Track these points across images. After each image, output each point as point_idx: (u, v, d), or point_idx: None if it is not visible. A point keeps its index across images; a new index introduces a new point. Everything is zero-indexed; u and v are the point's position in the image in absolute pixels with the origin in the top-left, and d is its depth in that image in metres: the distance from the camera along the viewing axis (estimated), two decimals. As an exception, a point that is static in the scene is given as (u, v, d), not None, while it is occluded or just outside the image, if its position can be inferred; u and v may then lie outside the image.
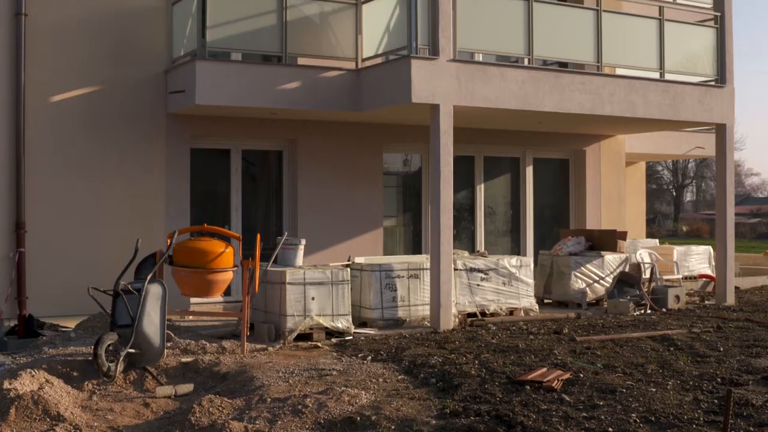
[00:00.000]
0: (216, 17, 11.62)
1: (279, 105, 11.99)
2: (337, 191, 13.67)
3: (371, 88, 12.24)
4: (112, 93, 12.15)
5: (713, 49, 14.24)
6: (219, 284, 9.86)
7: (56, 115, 11.82)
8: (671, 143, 18.66)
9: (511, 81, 12.18)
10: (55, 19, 11.83)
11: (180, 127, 12.53)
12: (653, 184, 58.57)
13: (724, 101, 14.20)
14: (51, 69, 11.80)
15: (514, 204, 15.87)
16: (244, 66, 11.93)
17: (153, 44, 12.41)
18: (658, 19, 13.73)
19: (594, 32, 13.04)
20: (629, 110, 13.24)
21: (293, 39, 12.12)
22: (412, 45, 11.51)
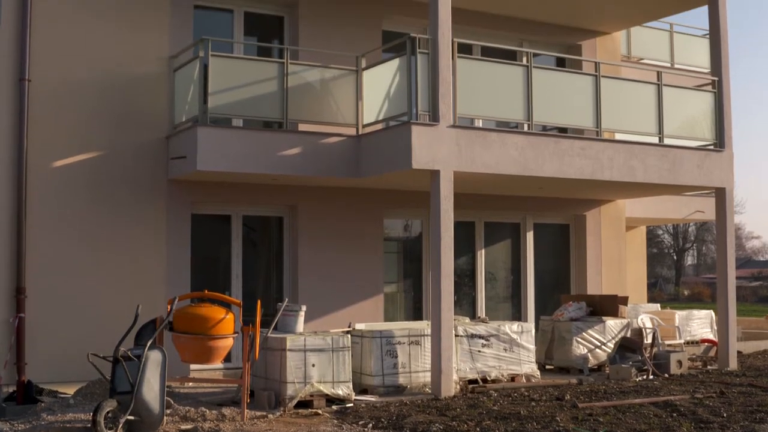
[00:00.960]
0: (217, 84, 11.71)
1: (280, 171, 12.03)
2: (338, 257, 13.66)
3: (372, 154, 12.29)
4: (114, 158, 12.20)
5: (711, 113, 14.34)
6: (219, 351, 9.82)
7: (58, 180, 11.86)
8: (671, 207, 18.69)
9: (511, 147, 12.24)
10: (58, 85, 11.92)
11: (181, 193, 12.57)
12: (654, 248, 58.58)
13: (723, 165, 14.26)
14: (53, 133, 11.86)
15: (515, 269, 15.85)
16: (245, 132, 11.99)
17: (155, 110, 12.49)
18: (657, 84, 13.84)
19: (593, 98, 13.14)
20: (629, 175, 13.29)
21: (294, 105, 12.21)
22: (413, 111, 11.59)
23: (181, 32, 12.69)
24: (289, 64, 12.19)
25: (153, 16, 12.56)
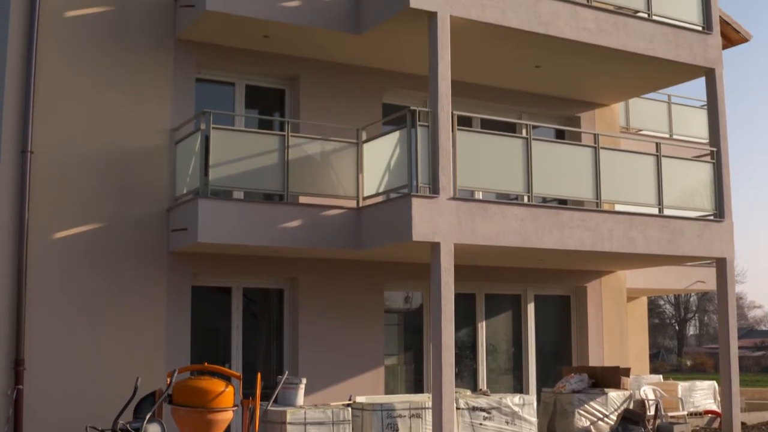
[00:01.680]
0: (218, 156, 11.78)
1: (280, 243, 12.05)
2: (338, 329, 13.62)
3: (372, 227, 12.32)
4: (114, 230, 12.22)
5: (711, 183, 14.41)
6: (219, 424, 9.75)
7: (59, 251, 11.87)
8: (672, 277, 18.68)
9: (511, 218, 12.28)
10: (60, 157, 11.98)
11: (182, 265, 12.57)
12: (655, 318, 58.41)
13: (724, 235, 14.29)
14: (55, 205, 11.90)
15: (516, 341, 15.80)
16: (246, 204, 12.03)
17: (156, 182, 12.54)
18: (656, 156, 13.92)
19: (592, 169, 13.21)
20: (629, 246, 13.31)
21: (295, 177, 12.27)
22: (413, 183, 11.65)
23: (183, 105, 12.81)
24: (290, 137, 12.29)
25: (155, 89, 12.68)
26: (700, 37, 14.61)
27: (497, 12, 12.56)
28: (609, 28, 13.58)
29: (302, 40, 13.12)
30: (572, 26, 13.20)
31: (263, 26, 12.53)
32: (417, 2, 11.93)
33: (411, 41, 13.10)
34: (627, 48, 13.75)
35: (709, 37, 14.73)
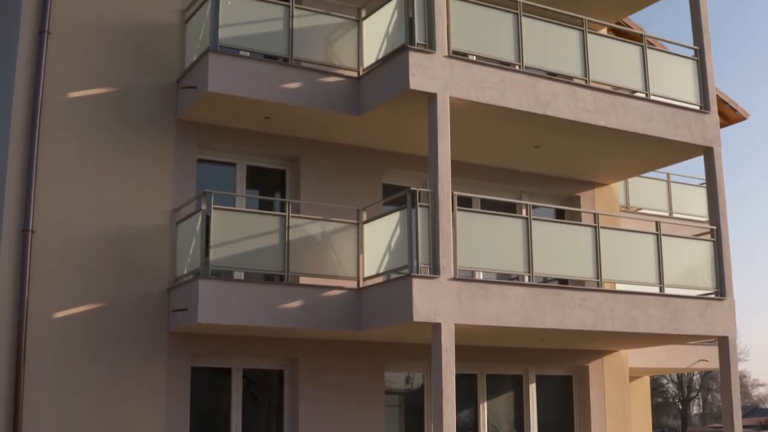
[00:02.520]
0: (219, 236, 11.80)
1: (281, 324, 12.01)
2: (339, 410, 13.49)
3: (373, 307, 12.29)
4: (115, 310, 12.18)
5: (711, 261, 14.40)
6: None
7: (59, 330, 11.81)
8: (674, 356, 18.58)
9: (512, 299, 12.25)
10: (61, 236, 12.00)
11: (181, 346, 12.50)
12: (659, 397, 57.93)
13: (725, 314, 14.24)
14: (55, 285, 11.88)
15: (518, 422, 15.64)
16: (247, 285, 12.01)
17: (157, 262, 12.54)
18: (656, 235, 13.94)
19: (593, 249, 13.22)
20: (631, 325, 13.25)
21: (295, 258, 12.28)
22: (413, 264, 11.64)
23: (185, 185, 12.87)
24: (291, 218, 12.32)
25: (157, 169, 12.75)
26: (698, 116, 14.73)
27: (496, 93, 12.68)
28: (607, 108, 13.70)
29: (303, 121, 13.23)
30: (571, 107, 13.32)
31: (264, 107, 12.65)
32: (417, 84, 12.05)
33: (411, 122, 13.21)
34: (625, 128, 13.86)
35: (706, 116, 14.85)
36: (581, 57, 13.69)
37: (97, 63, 12.64)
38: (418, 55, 12.14)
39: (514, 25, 13.16)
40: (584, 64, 13.67)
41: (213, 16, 12.25)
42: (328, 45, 13.02)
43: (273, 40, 12.65)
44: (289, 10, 12.79)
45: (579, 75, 13.62)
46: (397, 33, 12.48)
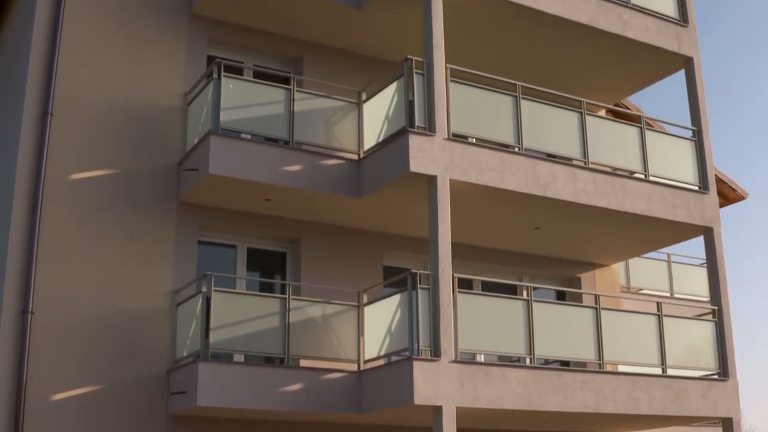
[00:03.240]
0: (219, 319, 11.77)
1: (281, 407, 11.90)
2: (339, 494, 13.33)
3: (373, 390, 12.20)
4: (113, 393, 12.08)
5: (713, 342, 14.34)
6: None
7: (56, 413, 11.68)
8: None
9: (513, 381, 12.17)
10: (61, 317, 11.95)
11: (181, 428, 12.38)
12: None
13: (729, 394, 14.13)
14: (54, 366, 11.79)
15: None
16: (247, 368, 11.93)
17: (156, 344, 12.49)
18: (657, 315, 13.90)
19: (594, 330, 13.17)
20: (633, 407, 13.14)
21: (296, 340, 12.23)
22: (414, 347, 11.59)
23: (185, 267, 12.88)
24: (291, 300, 12.30)
25: (158, 251, 12.77)
26: (697, 197, 14.79)
27: (496, 175, 12.75)
28: (607, 189, 13.76)
29: (303, 204, 13.28)
30: (570, 188, 13.38)
31: (265, 190, 12.71)
32: (417, 167, 12.12)
33: (411, 204, 13.27)
34: (625, 209, 13.90)
35: (705, 197, 14.91)
36: (580, 139, 13.79)
37: (100, 145, 12.74)
38: (418, 137, 12.24)
39: (513, 108, 13.29)
40: (583, 146, 13.77)
41: (214, 99, 12.38)
42: (328, 128, 13.13)
43: (274, 123, 12.76)
44: (290, 93, 12.93)
45: (578, 156, 13.71)
46: (397, 116, 12.59)
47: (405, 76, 12.51)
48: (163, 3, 13.71)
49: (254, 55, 14.55)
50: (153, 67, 13.38)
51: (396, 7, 13.80)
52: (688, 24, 15.66)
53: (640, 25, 15.09)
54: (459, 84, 12.92)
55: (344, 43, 14.85)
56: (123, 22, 13.33)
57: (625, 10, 15.00)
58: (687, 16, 15.72)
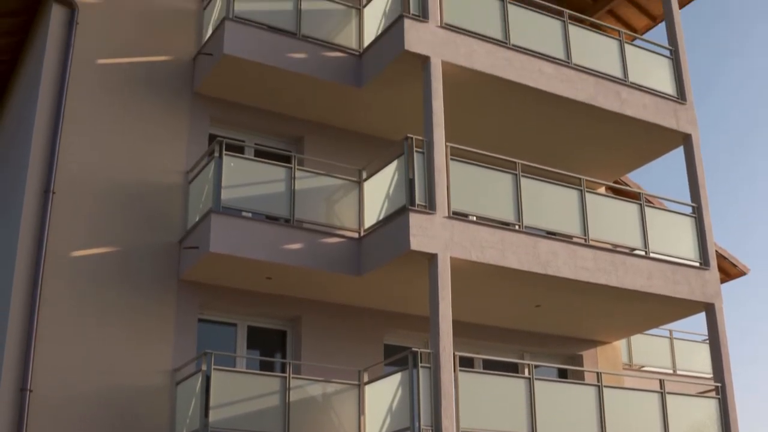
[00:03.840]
0: (219, 398, 11.66)
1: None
2: None
3: (374, 469, 12.08)
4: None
5: (718, 419, 14.19)
6: None
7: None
8: None
9: (516, 460, 12.05)
10: (60, 395, 11.85)
11: None
12: None
13: (734, 475, 13.98)
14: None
15: None
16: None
17: (156, 424, 12.36)
18: (660, 393, 13.79)
19: (596, 408, 13.04)
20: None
21: (296, 419, 12.10)
22: (415, 426, 11.48)
23: (185, 345, 12.83)
24: (292, 379, 12.22)
25: (158, 329, 12.73)
26: (698, 273, 14.78)
27: (496, 253, 12.77)
28: (607, 266, 13.77)
29: (304, 282, 13.28)
30: (571, 266, 13.39)
31: (266, 268, 12.72)
32: (418, 245, 12.14)
33: (412, 282, 13.26)
34: (625, 286, 13.89)
35: (706, 273, 14.90)
36: (580, 216, 13.83)
37: (101, 222, 12.78)
38: (419, 216, 12.28)
39: (513, 186, 13.35)
40: (583, 223, 13.81)
41: (216, 178, 12.45)
42: (329, 206, 13.18)
43: (275, 201, 12.82)
44: (291, 171, 13.00)
45: (578, 234, 13.74)
46: (397, 194, 12.65)
47: (405, 154, 12.60)
48: (166, 82, 13.88)
49: (255, 133, 14.68)
50: (155, 145, 13.49)
51: (396, 85, 13.96)
52: (686, 101, 15.80)
53: (638, 102, 15.23)
54: (459, 162, 13.00)
55: (345, 122, 14.99)
56: (126, 100, 13.48)
57: (623, 88, 15.15)
58: (685, 93, 15.87)
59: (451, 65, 13.44)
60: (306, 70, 13.71)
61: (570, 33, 14.92)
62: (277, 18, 13.81)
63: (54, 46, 13.18)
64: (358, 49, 14.33)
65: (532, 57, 14.28)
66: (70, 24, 13.35)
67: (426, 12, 13.47)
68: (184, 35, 14.30)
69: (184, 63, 14.13)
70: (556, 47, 14.66)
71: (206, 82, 13.78)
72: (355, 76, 14.13)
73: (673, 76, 15.99)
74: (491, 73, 13.73)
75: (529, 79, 14.11)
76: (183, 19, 14.38)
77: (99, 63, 13.47)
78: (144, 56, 13.84)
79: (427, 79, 13.17)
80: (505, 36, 14.16)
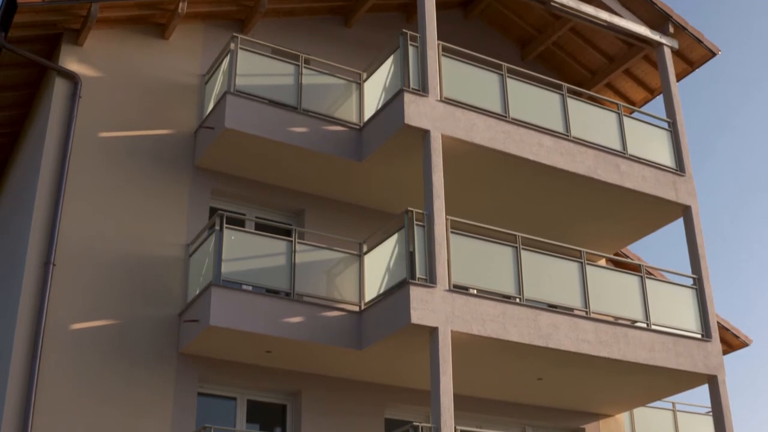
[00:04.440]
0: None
1: None
2: None
3: None
4: None
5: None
6: None
7: None
8: None
9: None
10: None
11: None
12: None
13: None
14: None
15: None
16: None
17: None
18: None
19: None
20: None
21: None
22: (416, 503, 11.38)
23: (184, 419, 12.71)
24: (291, 454, 12.13)
25: (157, 403, 12.62)
26: (700, 345, 14.71)
27: (498, 326, 12.71)
28: (609, 339, 13.70)
29: (305, 356, 13.20)
30: (572, 338, 13.33)
31: (266, 341, 12.66)
32: (419, 318, 12.10)
33: (412, 356, 13.19)
34: (627, 358, 13.81)
35: (708, 344, 14.82)
36: (581, 288, 13.81)
37: (101, 295, 12.75)
38: (420, 289, 12.26)
39: (513, 259, 13.35)
40: (584, 296, 13.77)
41: (216, 251, 12.45)
42: (329, 279, 13.16)
43: (275, 275, 12.80)
44: (292, 245, 13.01)
45: (579, 306, 13.70)
46: (398, 267, 12.64)
47: (406, 227, 12.62)
48: (167, 155, 13.95)
49: (256, 206, 14.71)
50: (156, 218, 13.52)
51: (396, 159, 14.02)
52: (684, 173, 15.86)
53: (638, 174, 15.29)
54: (460, 235, 13.02)
55: (345, 195, 15.04)
56: (127, 173, 13.54)
57: (622, 161, 15.22)
58: (683, 165, 15.94)
59: (451, 139, 13.53)
60: (307, 143, 13.80)
61: (569, 106, 15.04)
62: (278, 92, 13.93)
63: (56, 119, 13.29)
64: (358, 123, 14.44)
65: (531, 130, 14.38)
66: (73, 97, 13.47)
67: (426, 86, 13.60)
68: (186, 109, 14.42)
69: (185, 136, 14.22)
70: (555, 120, 14.77)
71: (207, 155, 13.85)
72: (355, 150, 14.22)
73: (671, 148, 16.08)
74: (491, 146, 13.81)
75: (529, 152, 14.19)
76: (184, 93, 14.51)
77: (101, 136, 13.56)
78: (145, 129, 13.94)
79: (427, 152, 13.24)
80: (504, 109, 14.28)
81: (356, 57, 16.63)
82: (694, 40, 17.38)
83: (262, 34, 15.74)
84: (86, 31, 13.71)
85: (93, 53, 14.03)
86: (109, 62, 14.11)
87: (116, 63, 14.16)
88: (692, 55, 17.73)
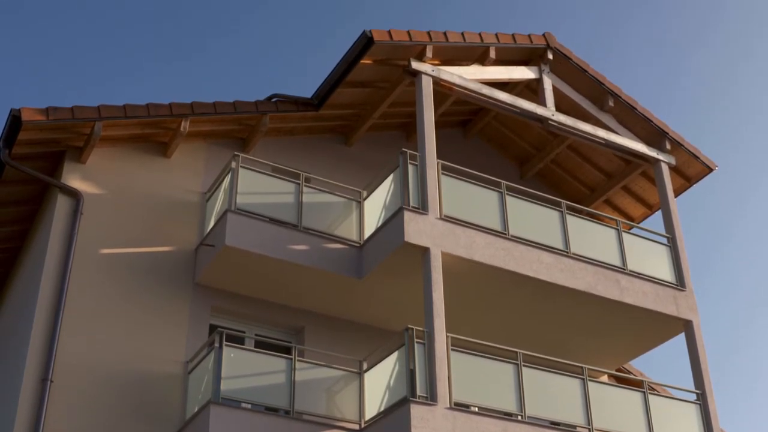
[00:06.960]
0: None
1: None
2: None
3: None
4: None
5: None
6: None
7: None
8: None
9: None
10: None
11: None
12: None
13: None
14: None
15: None
16: None
17: None
18: None
19: None
20: None
21: None
22: None
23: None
24: None
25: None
26: (706, 464, 14.53)
27: (499, 445, 12.58)
28: (612, 458, 13.53)
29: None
30: (575, 457, 13.16)
31: (265, 462, 12.50)
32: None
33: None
34: (632, 478, 13.62)
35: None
36: (583, 405, 13.67)
37: (98, 412, 12.60)
38: (420, 407, 12.12)
39: (514, 376, 13.25)
40: (587, 412, 13.62)
41: (216, 368, 12.37)
42: (329, 397, 13.05)
43: (275, 392, 12.68)
44: (291, 363, 12.93)
45: (582, 423, 13.54)
46: (398, 385, 12.55)
47: (406, 345, 12.57)
48: (168, 272, 13.98)
49: (256, 324, 14.69)
50: (155, 334, 13.48)
51: (396, 276, 14.06)
52: (685, 288, 15.86)
53: (638, 290, 15.29)
54: (460, 353, 12.95)
55: (345, 313, 15.03)
56: (127, 290, 13.56)
57: (622, 277, 15.24)
58: (684, 280, 15.95)
59: (451, 256, 13.58)
60: (307, 261, 13.84)
61: (568, 223, 15.13)
62: (279, 210, 14.03)
63: (58, 235, 13.37)
64: (358, 241, 14.51)
65: (531, 247, 14.44)
66: (75, 214, 13.57)
67: (426, 204, 13.71)
68: (187, 226, 14.51)
69: (185, 253, 14.28)
70: (554, 237, 14.84)
71: (207, 272, 13.89)
72: (355, 268, 14.25)
73: (671, 262, 16.11)
74: (491, 263, 13.85)
75: (529, 269, 14.22)
76: (186, 211, 14.62)
77: (102, 252, 13.62)
78: (146, 246, 14.01)
79: (427, 270, 13.27)
80: (504, 227, 14.36)
81: (356, 175, 16.81)
82: (690, 156, 17.59)
83: (263, 153, 15.93)
84: (89, 148, 13.91)
85: (95, 170, 14.19)
86: (112, 179, 14.26)
87: (118, 180, 14.31)
88: (689, 170, 17.92)
